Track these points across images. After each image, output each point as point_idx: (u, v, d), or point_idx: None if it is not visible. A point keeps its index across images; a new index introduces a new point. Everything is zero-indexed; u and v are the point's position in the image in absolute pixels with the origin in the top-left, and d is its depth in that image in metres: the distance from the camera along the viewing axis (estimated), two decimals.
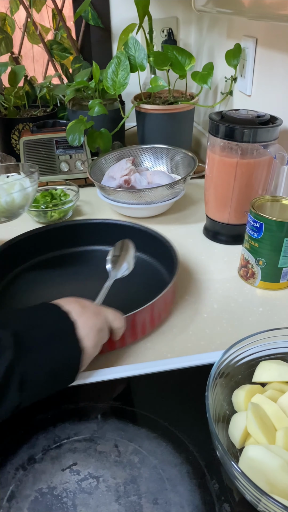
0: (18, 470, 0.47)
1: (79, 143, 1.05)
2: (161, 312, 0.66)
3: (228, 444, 0.46)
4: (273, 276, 0.73)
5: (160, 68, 1.10)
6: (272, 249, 0.70)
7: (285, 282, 0.73)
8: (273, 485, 0.40)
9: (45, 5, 1.43)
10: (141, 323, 0.62)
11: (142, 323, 0.63)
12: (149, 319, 0.63)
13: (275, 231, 0.68)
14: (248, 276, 0.75)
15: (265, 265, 0.72)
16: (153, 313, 0.63)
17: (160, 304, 0.63)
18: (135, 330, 0.62)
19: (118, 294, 0.65)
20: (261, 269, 0.72)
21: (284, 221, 0.67)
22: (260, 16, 0.79)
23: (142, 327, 0.63)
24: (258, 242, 0.70)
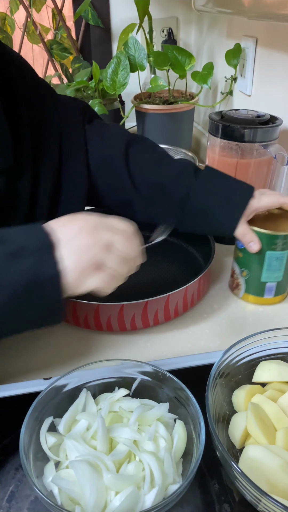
0: (18, 470, 0.47)
1: None
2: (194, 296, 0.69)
3: (228, 444, 0.46)
4: (257, 290, 0.68)
5: (160, 68, 1.09)
6: (254, 260, 0.65)
7: (270, 298, 0.68)
8: (273, 485, 0.40)
9: (45, 5, 1.43)
10: (174, 304, 0.65)
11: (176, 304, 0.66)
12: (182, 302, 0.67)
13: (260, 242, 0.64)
14: (234, 286, 0.72)
15: (249, 277, 0.68)
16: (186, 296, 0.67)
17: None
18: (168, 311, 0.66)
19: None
20: (245, 281, 0.69)
21: (265, 233, 0.62)
22: (260, 16, 0.79)
23: (175, 309, 0.66)
24: (242, 252, 0.67)
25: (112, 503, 0.39)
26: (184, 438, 0.45)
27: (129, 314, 0.63)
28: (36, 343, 0.63)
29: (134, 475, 0.41)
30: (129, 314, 0.63)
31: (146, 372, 0.49)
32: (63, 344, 0.63)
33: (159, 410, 0.46)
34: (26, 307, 0.41)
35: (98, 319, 0.63)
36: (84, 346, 0.63)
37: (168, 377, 0.47)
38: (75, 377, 0.49)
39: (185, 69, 1.09)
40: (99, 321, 0.64)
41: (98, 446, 0.43)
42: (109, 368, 0.50)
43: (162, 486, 0.41)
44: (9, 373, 0.58)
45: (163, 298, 0.63)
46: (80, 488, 0.40)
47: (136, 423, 0.45)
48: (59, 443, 0.45)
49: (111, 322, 0.63)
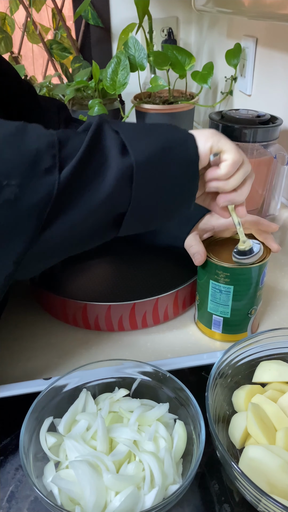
0: (18, 470, 0.47)
1: None
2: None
3: (228, 444, 0.46)
4: (205, 319, 0.64)
5: (160, 67, 1.09)
6: (202, 286, 0.61)
7: (218, 333, 0.63)
8: (273, 485, 0.40)
9: (45, 5, 1.43)
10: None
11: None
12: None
13: (203, 267, 0.60)
14: (195, 309, 0.67)
15: (199, 303, 0.64)
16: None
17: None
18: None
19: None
20: (197, 306, 0.65)
21: (210, 261, 0.58)
22: (260, 15, 0.79)
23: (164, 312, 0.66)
24: (198, 274, 0.63)
25: (112, 503, 0.39)
26: (184, 438, 0.45)
27: (116, 315, 0.63)
28: (36, 343, 0.63)
29: (134, 475, 0.41)
30: (117, 315, 0.63)
31: (146, 372, 0.49)
32: (63, 344, 0.63)
33: (159, 410, 0.46)
34: (171, 160, 0.45)
35: (86, 318, 0.64)
36: (84, 346, 0.63)
37: (168, 377, 0.47)
38: (75, 377, 0.49)
39: (185, 69, 1.08)
40: (87, 320, 0.64)
41: (98, 446, 0.43)
42: (109, 368, 0.50)
43: (162, 486, 0.41)
44: (9, 373, 0.58)
45: (152, 301, 0.63)
46: (80, 488, 0.40)
47: (136, 423, 0.45)
48: (59, 443, 0.45)
49: (98, 322, 0.64)
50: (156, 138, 0.46)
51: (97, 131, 0.43)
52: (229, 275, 0.57)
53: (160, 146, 0.45)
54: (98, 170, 0.43)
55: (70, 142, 0.42)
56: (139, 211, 0.46)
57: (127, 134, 0.44)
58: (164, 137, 0.46)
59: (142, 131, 0.47)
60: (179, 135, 0.47)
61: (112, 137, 0.44)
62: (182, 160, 0.47)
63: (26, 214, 0.40)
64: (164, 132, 0.47)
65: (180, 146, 0.46)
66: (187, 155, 0.47)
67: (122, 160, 0.43)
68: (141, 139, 0.45)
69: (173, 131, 0.48)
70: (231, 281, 0.57)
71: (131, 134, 0.45)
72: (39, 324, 0.67)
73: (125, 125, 0.47)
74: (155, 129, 0.48)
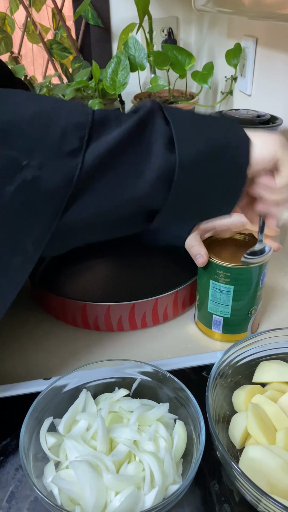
0: (18, 470, 0.47)
1: None
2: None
3: (228, 444, 0.46)
4: (205, 319, 0.63)
5: (160, 67, 1.09)
6: (202, 286, 0.61)
7: (218, 333, 0.63)
8: (273, 485, 0.40)
9: (45, 5, 1.42)
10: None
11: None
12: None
13: (204, 267, 0.59)
14: (195, 309, 0.67)
15: (199, 303, 0.64)
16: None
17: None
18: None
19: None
20: (197, 306, 0.65)
21: (210, 260, 0.58)
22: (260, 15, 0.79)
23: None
24: (198, 273, 0.63)
25: (112, 503, 0.39)
26: (184, 439, 0.45)
27: (116, 315, 0.63)
28: (36, 343, 0.63)
29: (134, 476, 0.41)
30: (116, 315, 0.63)
31: (146, 372, 0.49)
32: (63, 344, 0.63)
33: (159, 411, 0.46)
34: (217, 163, 0.42)
35: (85, 318, 0.63)
36: (84, 346, 0.63)
37: (168, 377, 0.47)
38: (75, 377, 0.49)
39: (185, 69, 1.08)
40: (86, 320, 0.64)
41: (98, 446, 0.43)
42: (109, 368, 0.50)
43: (162, 487, 0.41)
44: (9, 373, 0.58)
45: (151, 301, 0.63)
46: (80, 488, 0.40)
47: (136, 423, 0.45)
48: (59, 443, 0.45)
49: (98, 322, 0.64)
50: (209, 137, 0.41)
51: (145, 119, 0.40)
52: (229, 275, 0.57)
53: (210, 147, 0.41)
54: (136, 164, 0.39)
55: (107, 126, 0.39)
56: (174, 210, 0.43)
57: (179, 127, 0.40)
58: (217, 137, 0.41)
59: (197, 124, 0.42)
60: (234, 137, 0.43)
61: (161, 130, 0.40)
62: (230, 168, 0.43)
63: (45, 198, 0.38)
64: (219, 130, 0.42)
65: (231, 151, 0.42)
66: (236, 164, 0.43)
67: (166, 158, 0.39)
68: (193, 135, 0.40)
69: (229, 130, 0.43)
70: (231, 281, 0.57)
71: (183, 127, 0.40)
72: (39, 324, 0.67)
73: (180, 114, 0.42)
74: (211, 123, 0.43)
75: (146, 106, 0.40)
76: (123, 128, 0.39)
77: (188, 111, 0.44)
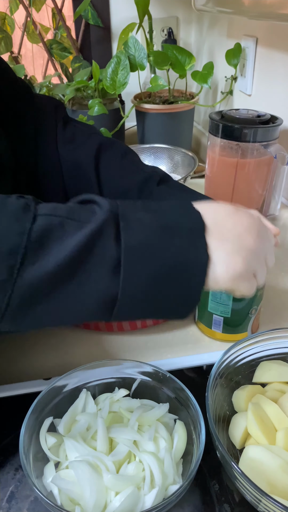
0: (18, 470, 0.47)
1: None
2: None
3: (228, 444, 0.46)
4: (205, 319, 0.63)
5: (160, 67, 1.09)
6: None
7: (218, 333, 0.63)
8: (273, 485, 0.40)
9: (45, 5, 1.42)
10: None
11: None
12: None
13: None
14: (195, 309, 0.66)
15: (199, 303, 0.62)
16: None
17: None
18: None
19: None
20: (197, 306, 0.64)
21: None
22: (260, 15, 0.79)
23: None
24: None
25: (112, 503, 0.39)
26: (184, 439, 0.45)
27: None
28: (36, 343, 0.63)
29: (134, 476, 0.41)
30: None
31: (146, 372, 0.49)
32: (63, 344, 0.63)
33: (159, 411, 0.46)
34: (168, 287, 0.37)
35: None
36: (84, 346, 0.63)
37: (168, 377, 0.47)
38: (75, 377, 0.49)
39: (185, 69, 1.08)
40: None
41: (98, 446, 0.43)
42: (109, 368, 0.50)
43: (162, 487, 0.41)
44: (9, 373, 0.58)
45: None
46: (80, 488, 0.40)
47: (136, 424, 0.45)
48: (59, 444, 0.45)
49: (98, 322, 0.63)
50: (163, 263, 0.36)
51: (94, 239, 0.34)
52: None
53: (161, 273, 0.37)
54: (75, 293, 0.35)
55: (46, 246, 0.33)
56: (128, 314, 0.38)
57: (131, 252, 0.35)
58: (172, 260, 0.37)
59: (154, 242, 0.36)
60: (192, 256, 0.37)
61: (110, 253, 0.35)
62: (181, 291, 0.38)
63: None
64: (178, 248, 0.37)
65: (185, 274, 0.37)
66: (189, 288, 0.38)
67: (109, 286, 0.35)
68: (144, 259, 0.36)
69: (189, 248, 0.37)
70: None
71: (136, 251, 0.36)
72: None
73: (136, 230, 0.36)
74: (171, 240, 0.37)
75: (98, 219, 0.35)
76: (65, 251, 0.34)
77: (150, 217, 0.38)
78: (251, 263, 0.40)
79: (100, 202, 0.37)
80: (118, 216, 0.36)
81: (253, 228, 0.41)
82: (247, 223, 0.41)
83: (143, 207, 0.38)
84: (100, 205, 0.37)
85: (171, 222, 0.38)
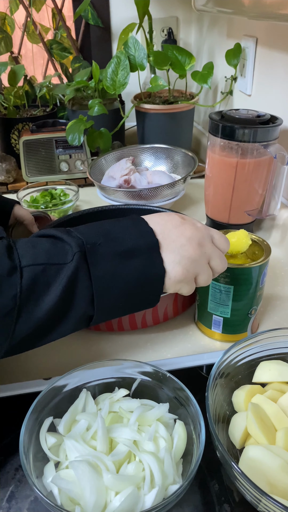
0: (18, 470, 0.47)
1: (78, 142, 1.05)
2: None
3: (228, 444, 0.46)
4: (205, 319, 0.63)
5: (160, 67, 1.09)
6: (201, 286, 0.58)
7: (218, 333, 0.63)
8: (273, 485, 0.40)
9: (45, 5, 1.43)
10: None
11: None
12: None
13: None
14: (195, 309, 0.67)
15: (199, 303, 0.64)
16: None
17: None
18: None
19: None
20: (197, 306, 0.65)
21: None
22: (260, 15, 0.79)
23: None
24: None
25: (112, 503, 0.39)
26: (184, 438, 0.45)
27: None
28: None
29: (134, 475, 0.41)
30: None
31: (146, 372, 0.49)
32: (63, 344, 0.63)
33: (159, 410, 0.46)
34: (133, 297, 0.46)
35: None
36: (84, 346, 0.63)
37: (168, 377, 0.47)
38: (75, 377, 0.49)
39: (185, 69, 1.08)
40: None
41: (98, 446, 0.43)
42: (109, 368, 0.50)
43: (162, 487, 0.41)
44: (9, 373, 0.58)
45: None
46: (80, 488, 0.40)
47: (136, 423, 0.45)
48: (59, 443, 0.45)
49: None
50: (125, 286, 0.44)
51: (72, 281, 0.42)
52: (229, 275, 0.57)
53: (126, 292, 0.45)
54: (60, 320, 0.43)
55: (34, 298, 0.41)
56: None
57: (100, 283, 0.43)
58: (133, 280, 0.44)
59: (117, 269, 0.44)
60: (151, 273, 0.45)
61: (84, 290, 0.42)
62: (144, 300, 0.47)
63: None
64: (138, 270, 0.44)
65: (146, 287, 0.46)
66: (149, 299, 0.48)
67: (86, 311, 0.43)
68: (112, 287, 0.43)
69: (145, 268, 0.44)
70: (231, 281, 0.57)
71: (103, 282, 0.43)
72: None
73: (102, 266, 0.43)
74: (132, 263, 0.44)
75: (73, 261, 0.42)
76: (52, 298, 0.41)
77: (111, 246, 0.44)
78: (190, 270, 0.46)
79: (67, 240, 0.43)
80: (86, 253, 0.43)
81: (194, 238, 0.46)
82: (189, 234, 0.46)
83: (103, 235, 0.45)
84: (70, 244, 0.43)
85: (130, 246, 0.44)
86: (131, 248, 0.44)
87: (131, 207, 0.87)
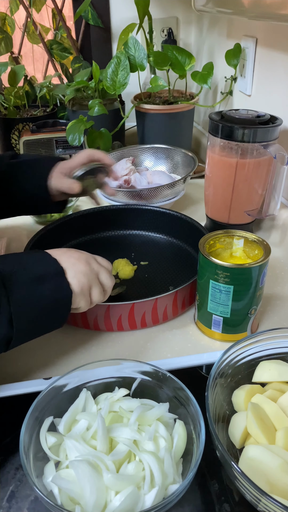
0: (18, 470, 0.47)
1: (79, 143, 1.05)
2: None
3: (228, 444, 0.46)
4: (205, 319, 0.63)
5: (160, 68, 1.10)
6: (202, 286, 0.61)
7: (218, 333, 0.63)
8: (273, 485, 0.40)
9: (45, 5, 1.43)
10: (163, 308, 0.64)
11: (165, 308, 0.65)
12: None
13: (204, 267, 0.59)
14: (195, 309, 0.66)
15: (199, 303, 0.63)
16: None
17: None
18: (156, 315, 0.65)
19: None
20: (197, 306, 0.65)
21: (207, 259, 0.57)
22: (260, 15, 0.79)
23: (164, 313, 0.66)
24: (198, 274, 0.62)
25: (112, 503, 0.39)
26: (184, 438, 0.45)
27: (115, 315, 0.63)
28: (36, 343, 0.63)
29: (134, 475, 0.41)
30: (116, 315, 0.63)
31: (146, 372, 0.49)
32: (63, 344, 0.63)
33: (159, 410, 0.46)
34: (46, 319, 0.51)
35: (85, 318, 0.64)
36: (84, 346, 0.63)
37: (168, 377, 0.47)
38: (75, 377, 0.49)
39: (185, 69, 1.09)
40: (86, 320, 0.64)
41: (98, 446, 0.43)
42: (109, 368, 0.50)
43: (162, 486, 0.41)
44: (9, 373, 0.58)
45: (151, 301, 0.62)
46: (80, 488, 0.40)
47: (136, 423, 0.45)
48: (59, 443, 0.45)
49: (98, 322, 0.64)
50: (41, 310, 0.49)
51: None
52: (229, 275, 0.57)
53: (41, 313, 0.50)
54: None
55: None
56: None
57: (17, 306, 0.47)
58: (48, 301, 0.50)
59: (33, 294, 0.49)
60: (61, 295, 0.51)
61: (5, 312, 0.46)
62: (56, 316, 0.53)
63: None
64: (50, 292, 0.50)
65: (58, 305, 0.51)
66: (60, 316, 0.53)
67: (6, 331, 0.47)
68: (28, 310, 0.48)
69: (54, 291, 0.50)
70: (231, 281, 0.57)
71: (20, 304, 0.48)
72: None
73: (18, 292, 0.48)
74: (45, 287, 0.50)
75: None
76: None
77: (24, 273, 0.50)
78: (85, 282, 0.53)
79: None
80: (5, 278, 0.47)
81: (82, 258, 0.54)
82: (77, 255, 0.54)
83: (17, 263, 0.51)
84: None
85: (41, 272, 0.50)
86: (41, 273, 0.51)
87: (131, 207, 0.87)
